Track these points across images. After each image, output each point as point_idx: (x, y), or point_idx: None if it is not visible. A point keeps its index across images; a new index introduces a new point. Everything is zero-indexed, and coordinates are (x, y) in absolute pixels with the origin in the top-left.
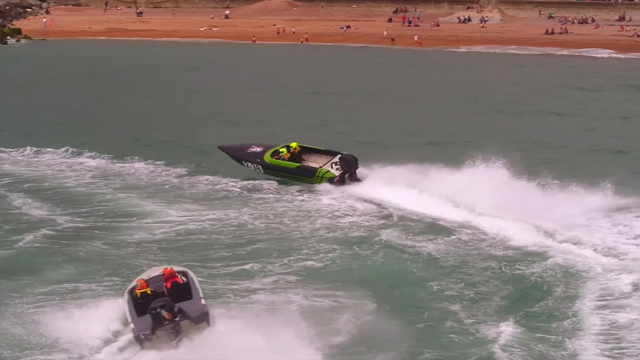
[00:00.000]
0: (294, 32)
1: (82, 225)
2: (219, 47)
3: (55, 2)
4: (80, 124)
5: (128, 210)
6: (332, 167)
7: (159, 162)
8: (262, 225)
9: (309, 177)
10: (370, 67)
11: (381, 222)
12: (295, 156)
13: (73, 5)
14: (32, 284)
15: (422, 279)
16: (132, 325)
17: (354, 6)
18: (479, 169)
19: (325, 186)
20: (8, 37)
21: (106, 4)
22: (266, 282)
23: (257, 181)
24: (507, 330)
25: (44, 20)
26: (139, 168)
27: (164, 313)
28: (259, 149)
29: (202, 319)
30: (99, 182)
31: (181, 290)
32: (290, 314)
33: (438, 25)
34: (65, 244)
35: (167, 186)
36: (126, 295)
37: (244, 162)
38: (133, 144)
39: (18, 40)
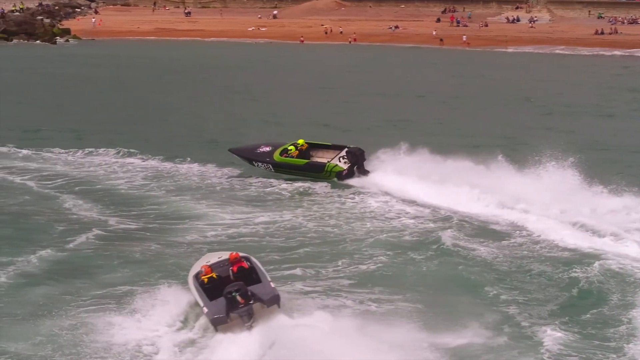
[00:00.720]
0: (341, 32)
1: (134, 226)
2: (267, 47)
3: (104, 2)
4: (131, 125)
5: (180, 212)
6: (339, 161)
7: (209, 163)
8: (314, 227)
9: (318, 172)
10: (420, 67)
11: (434, 225)
12: (304, 152)
13: (121, 5)
14: (85, 287)
15: (477, 284)
16: (205, 309)
17: (402, 6)
18: (534, 170)
19: (374, 188)
20: (57, 37)
21: (155, 4)
22: (319, 286)
23: (308, 183)
24: (562, 336)
25: (93, 20)
26: (190, 169)
27: (239, 297)
28: (268, 149)
29: (274, 301)
30: (150, 183)
31: (247, 275)
32: (345, 318)
33: (487, 26)
34: (117, 245)
35: (218, 188)
36: (192, 281)
37: (254, 162)
38: (184, 145)
39: (67, 41)
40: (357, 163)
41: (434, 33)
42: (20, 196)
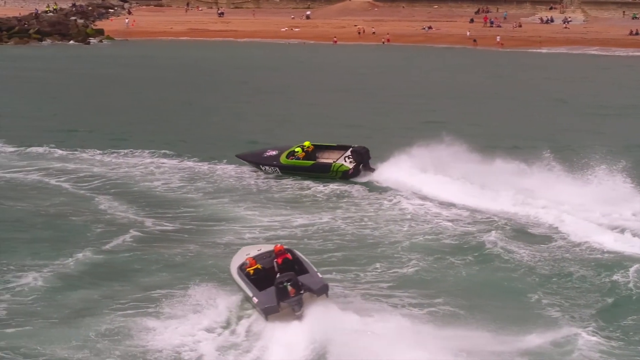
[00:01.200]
0: (374, 33)
1: (171, 228)
2: (301, 48)
3: (137, 3)
4: (167, 125)
5: (217, 214)
6: (345, 161)
7: (245, 165)
8: (352, 230)
9: (324, 172)
10: (454, 68)
11: (474, 227)
12: (310, 154)
13: (154, 5)
14: (122, 290)
15: (518, 288)
16: (255, 299)
17: (435, 7)
18: (576, 172)
19: (411, 190)
20: (91, 38)
21: (188, 4)
22: (357, 289)
23: (344, 186)
24: (602, 341)
25: (126, 20)
26: (226, 170)
27: (290, 287)
28: (274, 152)
29: (324, 290)
30: (186, 184)
31: (291, 266)
32: (385, 324)
33: (520, 26)
34: (155, 247)
35: (254, 189)
36: (237, 273)
37: (261, 166)
38: (220, 145)
39: (100, 41)
40: (363, 161)
41: (468, 34)
42: (57, 197)
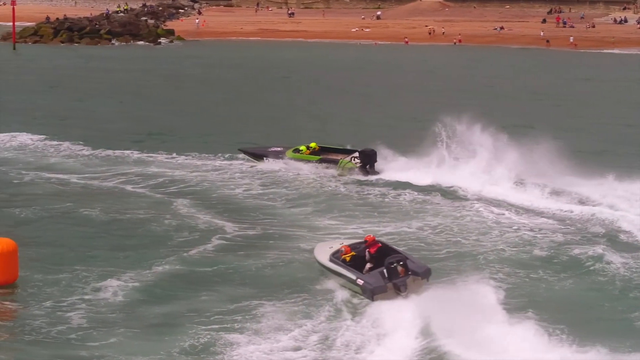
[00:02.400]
0: (443, 33)
1: (254, 236)
2: (373, 49)
3: (207, 3)
4: (248, 127)
5: (301, 221)
6: (352, 160)
7: (327, 169)
8: (440, 239)
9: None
10: (530, 69)
11: (563, 237)
12: (315, 154)
13: (224, 6)
14: (207, 302)
15: (616, 304)
16: (360, 281)
17: (507, 7)
18: None
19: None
20: (161, 38)
21: (258, 4)
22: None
23: (429, 196)
24: None
25: (197, 21)
26: (308, 175)
27: (399, 268)
28: (279, 148)
29: (428, 274)
30: (268, 190)
31: (384, 255)
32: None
33: (594, 27)
34: (239, 256)
35: (339, 195)
36: (332, 261)
37: (265, 159)
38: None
39: (171, 41)
40: (369, 162)
41: (542, 34)
42: (136, 203)
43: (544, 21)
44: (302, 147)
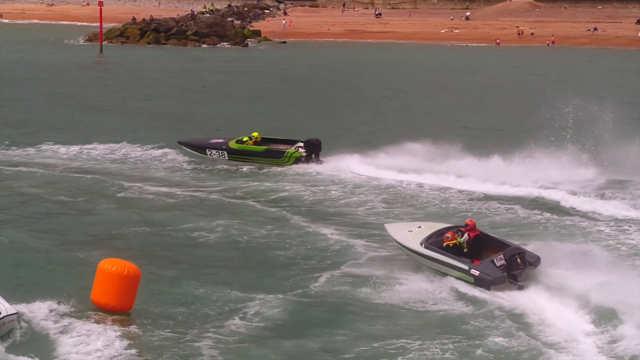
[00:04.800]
0: (532, 34)
1: (384, 255)
2: (465, 50)
3: (291, 3)
4: (356, 132)
5: None
6: (297, 150)
7: (450, 176)
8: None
9: (277, 158)
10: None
11: None
12: (258, 144)
13: (309, 6)
14: (343, 341)
15: None
16: (476, 272)
17: (599, 7)
18: None
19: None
20: (248, 39)
21: (344, 4)
22: None
23: (535, 210)
24: None
25: (283, 21)
26: (431, 191)
27: (519, 260)
28: (221, 140)
29: (539, 262)
30: (391, 207)
31: (482, 242)
32: None
33: None
34: (372, 284)
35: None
36: (429, 248)
37: (207, 150)
38: (421, 158)
39: (259, 42)
40: (315, 152)
41: (639, 35)
42: (251, 221)
43: (639, 22)
44: (245, 138)
